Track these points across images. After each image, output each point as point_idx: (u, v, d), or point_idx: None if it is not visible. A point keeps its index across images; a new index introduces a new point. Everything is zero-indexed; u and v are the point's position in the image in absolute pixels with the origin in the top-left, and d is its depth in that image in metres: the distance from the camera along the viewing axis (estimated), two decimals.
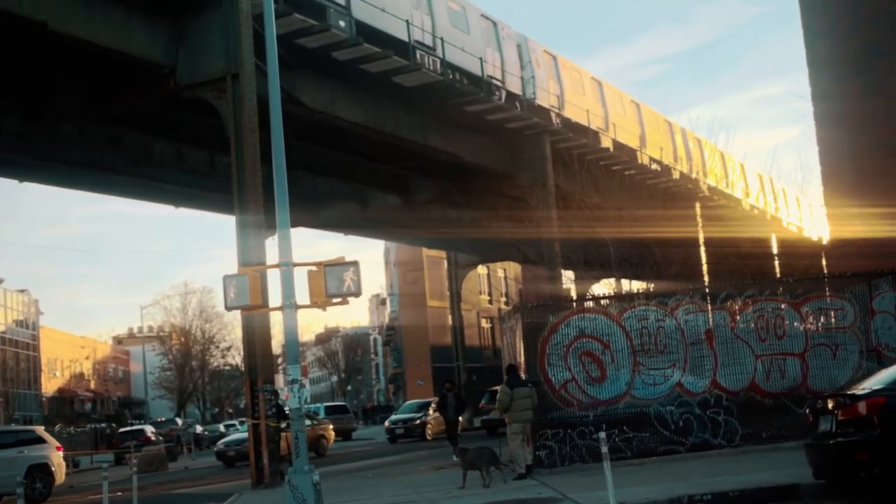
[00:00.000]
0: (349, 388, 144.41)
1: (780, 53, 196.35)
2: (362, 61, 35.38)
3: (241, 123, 28.76)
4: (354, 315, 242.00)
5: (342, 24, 33.17)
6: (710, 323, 24.25)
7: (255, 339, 28.75)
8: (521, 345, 24.44)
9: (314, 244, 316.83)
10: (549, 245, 44.68)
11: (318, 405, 66.69)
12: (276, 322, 27.53)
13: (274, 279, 18.30)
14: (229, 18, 29.48)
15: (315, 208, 48.72)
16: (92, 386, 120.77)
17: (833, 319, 24.56)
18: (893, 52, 29.80)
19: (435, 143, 42.45)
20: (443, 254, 77.37)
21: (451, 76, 39.05)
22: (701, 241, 49.15)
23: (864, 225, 30.45)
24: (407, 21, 36.44)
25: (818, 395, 18.21)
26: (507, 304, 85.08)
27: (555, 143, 45.92)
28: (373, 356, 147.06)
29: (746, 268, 46.74)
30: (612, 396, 23.40)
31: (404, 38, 36.29)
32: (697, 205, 52.88)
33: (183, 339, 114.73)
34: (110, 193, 47.98)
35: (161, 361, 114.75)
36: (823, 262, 46.10)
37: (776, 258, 57.60)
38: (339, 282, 17.56)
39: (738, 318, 24.31)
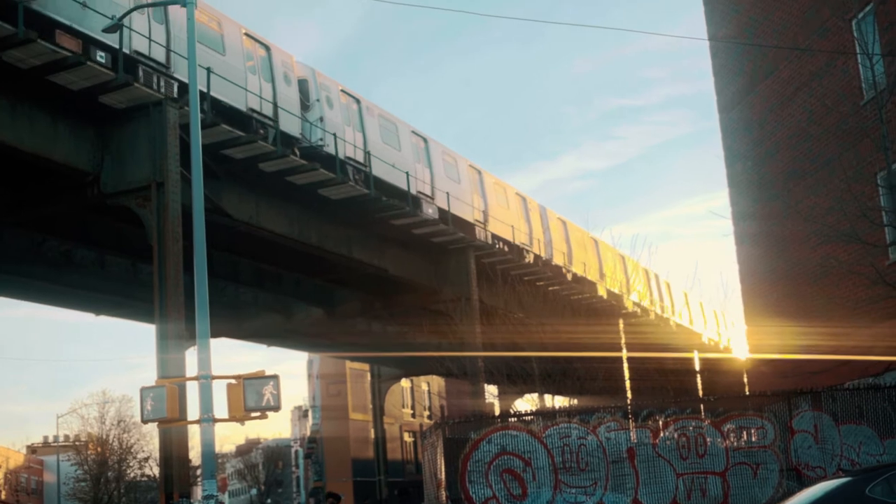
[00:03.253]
0: (269, 501, 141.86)
1: (702, 172, 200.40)
2: (288, 173, 35.47)
3: (165, 232, 28.58)
4: (276, 426, 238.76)
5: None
6: (632, 440, 24.24)
7: (172, 451, 28.22)
8: (442, 461, 24.24)
9: (237, 354, 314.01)
10: (473, 359, 44.62)
11: None
12: (196, 433, 27.15)
13: (194, 391, 18.08)
14: (155, 127, 29.47)
15: (238, 319, 48.32)
16: (3, 497, 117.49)
17: (754, 438, 24.67)
18: (811, 175, 30.41)
19: (360, 256, 42.45)
20: (366, 366, 76.97)
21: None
22: (624, 356, 49.38)
23: (782, 344, 30.76)
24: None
25: None
26: (430, 418, 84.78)
27: (479, 257, 46.14)
28: (294, 469, 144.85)
29: (669, 384, 47.03)
30: None
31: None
32: (620, 321, 53.24)
33: (100, 449, 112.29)
34: (29, 300, 47.28)
35: (76, 472, 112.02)
36: (745, 379, 46.47)
37: (698, 375, 57.99)
38: (259, 395, 17.40)
39: (659, 435, 24.33)
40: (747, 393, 35.15)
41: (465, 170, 47.01)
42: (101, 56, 28.20)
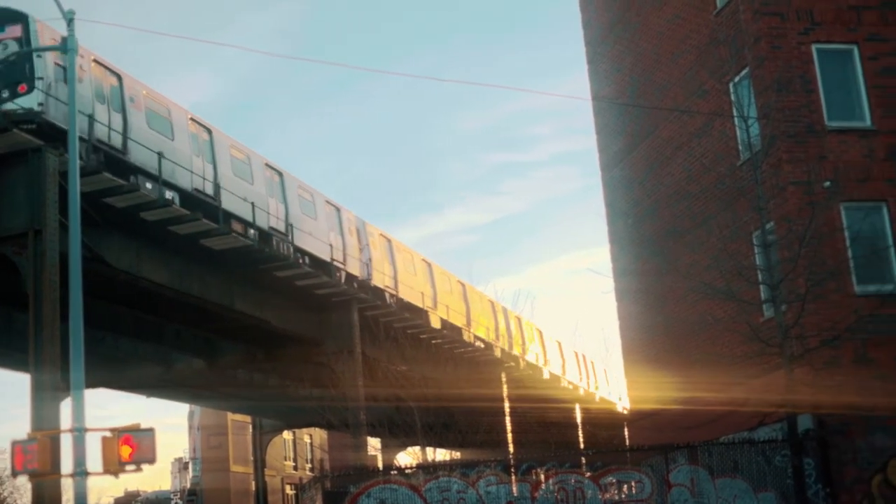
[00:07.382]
0: None
1: (586, 228, 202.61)
2: (171, 223, 35.06)
3: (42, 281, 27.96)
4: (156, 478, 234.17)
5: None
6: (513, 494, 24.33)
7: None
8: None
9: (117, 405, 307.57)
10: (355, 412, 44.42)
11: None
12: (71, 487, 26.49)
13: (69, 442, 17.74)
14: (34, 174, 28.94)
15: (117, 369, 47.35)
16: None
17: (633, 491, 24.95)
18: (689, 234, 31.03)
19: (242, 308, 41.99)
20: (248, 418, 76.02)
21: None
22: (506, 410, 49.61)
23: (660, 398, 31.21)
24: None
25: None
26: (312, 470, 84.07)
27: (363, 310, 46.04)
28: None
29: (551, 437, 47.35)
30: None
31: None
32: (503, 374, 53.51)
33: None
34: None
35: None
36: (625, 433, 47.00)
37: (580, 428, 58.50)
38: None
39: (539, 489, 24.46)
40: (627, 447, 35.58)
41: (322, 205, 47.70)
42: None
